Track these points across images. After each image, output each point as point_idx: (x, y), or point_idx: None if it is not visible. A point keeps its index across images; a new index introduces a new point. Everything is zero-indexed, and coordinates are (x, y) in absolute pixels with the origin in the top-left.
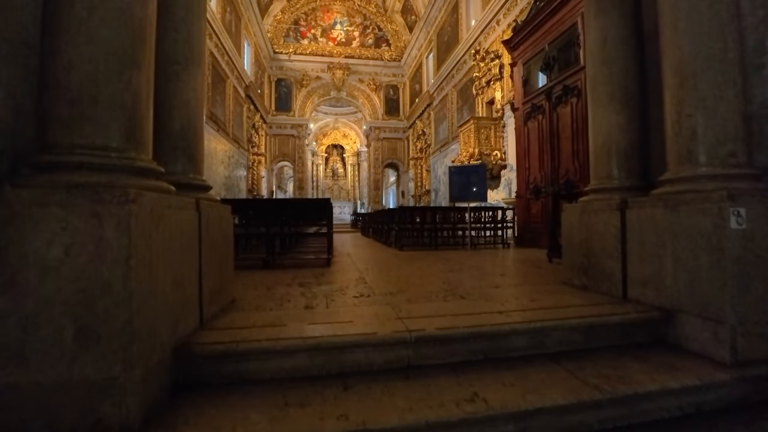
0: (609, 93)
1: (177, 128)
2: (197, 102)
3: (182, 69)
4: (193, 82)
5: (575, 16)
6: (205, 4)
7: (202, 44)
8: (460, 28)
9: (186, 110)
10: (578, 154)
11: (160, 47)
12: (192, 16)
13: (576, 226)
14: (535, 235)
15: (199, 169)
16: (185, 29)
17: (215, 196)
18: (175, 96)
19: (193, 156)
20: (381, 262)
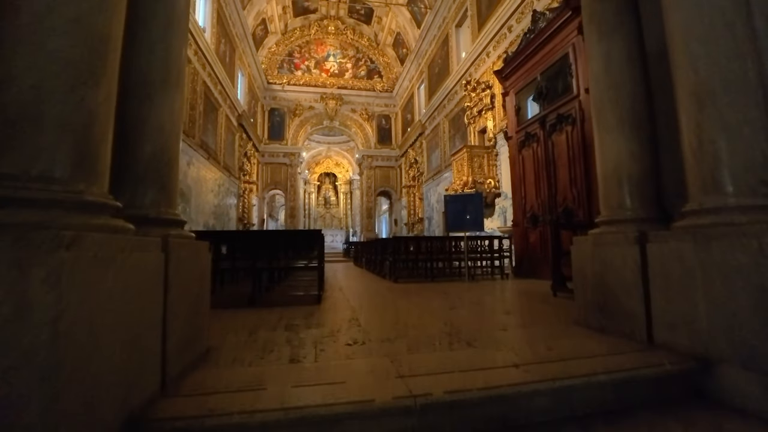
0: (617, 118)
1: (147, 155)
2: (173, 126)
3: (157, 91)
4: (169, 105)
5: (566, 47)
6: (186, 25)
7: (182, 65)
8: (451, 60)
9: (159, 135)
10: (576, 181)
11: (133, 67)
12: (170, 35)
13: (588, 260)
14: (534, 265)
15: (172, 201)
16: (162, 48)
17: (203, 225)
18: (147, 119)
19: (164, 186)
20: (375, 297)
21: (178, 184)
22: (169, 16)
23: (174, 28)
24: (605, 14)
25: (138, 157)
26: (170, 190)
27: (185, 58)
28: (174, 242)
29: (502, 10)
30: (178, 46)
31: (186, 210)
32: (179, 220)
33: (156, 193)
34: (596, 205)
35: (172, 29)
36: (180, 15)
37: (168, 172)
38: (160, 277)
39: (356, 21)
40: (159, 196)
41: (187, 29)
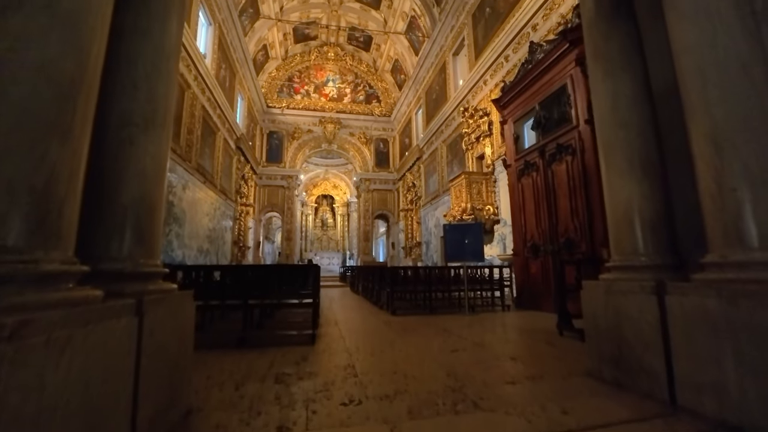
0: (627, 159)
1: (126, 202)
2: (157, 170)
3: (139, 132)
4: (152, 147)
5: (564, 78)
6: (176, 63)
7: (169, 104)
8: (448, 87)
9: (140, 181)
10: (577, 212)
11: (114, 108)
12: (158, 72)
13: (601, 308)
14: (536, 296)
15: (152, 251)
16: (147, 86)
17: (197, 250)
18: (128, 164)
19: (143, 236)
20: (373, 336)
21: (162, 231)
22: (157, 54)
23: (161, 66)
24: (610, 52)
25: (115, 205)
26: (151, 239)
27: (174, 96)
28: (150, 301)
29: (499, 41)
30: (166, 85)
31: (180, 235)
32: (159, 271)
33: (134, 244)
34: (599, 237)
35: (160, 68)
36: (169, 53)
37: (149, 221)
38: (132, 345)
39: (355, 48)
40: (138, 247)
41: (177, 66)
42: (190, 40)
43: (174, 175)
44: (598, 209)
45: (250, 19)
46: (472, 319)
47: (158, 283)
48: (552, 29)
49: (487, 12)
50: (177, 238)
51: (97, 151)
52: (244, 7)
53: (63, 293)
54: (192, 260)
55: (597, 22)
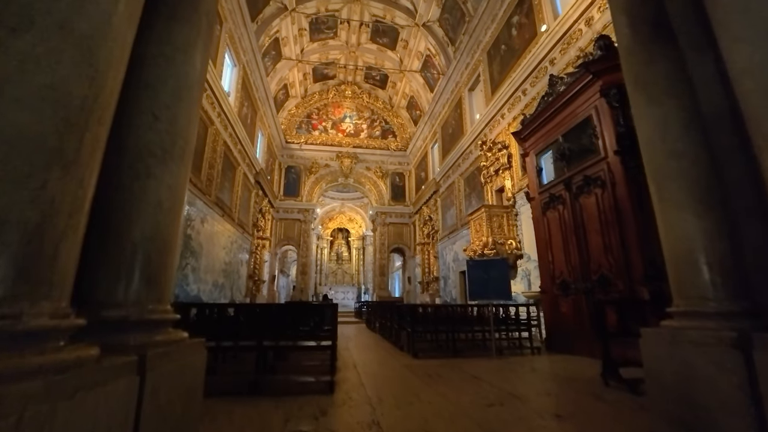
0: (684, 191)
1: (136, 239)
2: (173, 204)
3: (157, 163)
4: (169, 179)
5: (588, 109)
6: (199, 94)
7: (190, 135)
8: (464, 121)
9: (154, 215)
10: (611, 248)
11: (132, 134)
12: (180, 102)
13: (665, 361)
14: (568, 338)
15: (163, 295)
16: (168, 116)
17: (212, 284)
18: (142, 197)
19: (154, 278)
20: (396, 383)
21: (175, 271)
22: (180, 84)
23: (184, 95)
24: (653, 76)
25: (124, 242)
26: (162, 282)
27: (195, 128)
28: (156, 356)
29: (516, 76)
30: (188, 114)
31: (196, 269)
32: (169, 318)
33: (143, 287)
34: (638, 275)
35: (182, 98)
36: (192, 82)
37: (161, 260)
38: (130, 408)
39: (372, 86)
40: (147, 290)
41: (200, 98)
42: (215, 79)
43: (193, 208)
44: (635, 245)
45: (272, 60)
46: (501, 364)
47: (167, 332)
48: (571, 62)
49: (503, 49)
50: (193, 273)
51: (108, 182)
52: (267, 49)
53: (49, 356)
54: (207, 295)
55: (636, 49)
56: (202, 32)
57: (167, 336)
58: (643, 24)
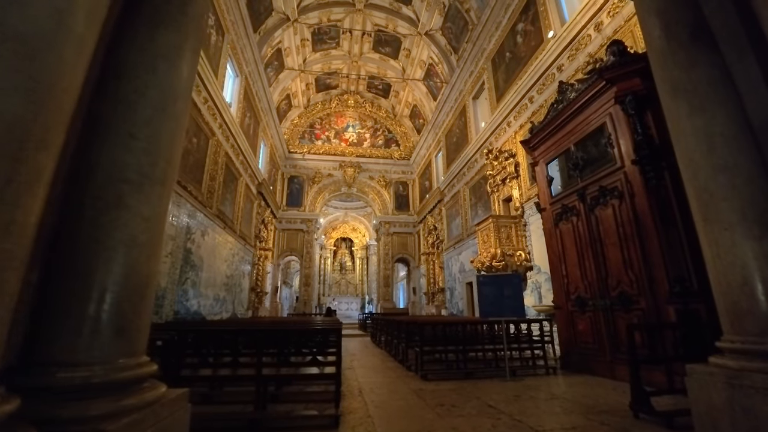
0: (739, 212)
1: (103, 283)
2: (151, 237)
3: (131, 191)
4: (146, 209)
5: (602, 116)
6: (186, 105)
7: (174, 154)
8: (469, 130)
9: (126, 253)
10: (632, 264)
11: (101, 159)
12: (162, 116)
13: (723, 405)
14: (586, 358)
15: (136, 347)
16: (147, 134)
17: (212, 298)
18: (112, 231)
19: (126, 328)
20: (406, 415)
21: (150, 316)
22: (164, 95)
23: (168, 108)
24: (695, 82)
25: (89, 288)
26: (135, 331)
27: (180, 145)
28: (121, 427)
29: (522, 83)
30: (172, 130)
31: (196, 283)
32: (143, 374)
33: (111, 340)
34: (662, 293)
35: (165, 112)
36: (178, 94)
37: (135, 307)
38: None
39: (374, 95)
40: (115, 343)
41: (187, 110)
42: (216, 90)
43: (194, 221)
44: (659, 261)
45: (275, 71)
46: (516, 388)
47: (141, 391)
48: (580, 68)
49: (508, 56)
50: (193, 287)
51: (71, 216)
52: (269, 60)
53: None
54: (207, 309)
55: (672, 51)
56: (190, 37)
57: (140, 397)
58: (678, 25)
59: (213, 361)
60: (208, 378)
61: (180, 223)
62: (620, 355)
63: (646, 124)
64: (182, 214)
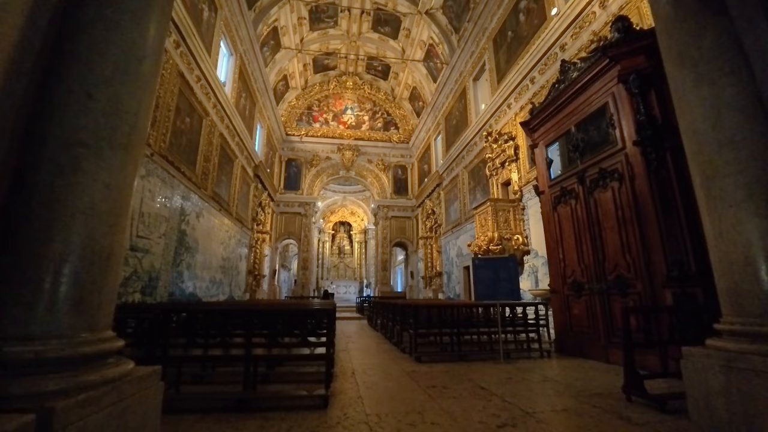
0: (744, 188)
1: (59, 251)
2: (113, 206)
3: (88, 155)
4: (106, 176)
5: (604, 96)
6: (155, 68)
7: (140, 119)
8: (469, 112)
9: (84, 221)
10: (629, 247)
11: (55, 120)
12: (125, 77)
13: (719, 389)
14: (580, 341)
15: (97, 320)
16: (107, 95)
17: (209, 281)
18: (68, 198)
19: (85, 301)
20: (397, 396)
21: (116, 290)
22: (127, 54)
23: (131, 69)
24: (702, 51)
25: (42, 257)
26: (96, 305)
27: (148, 110)
28: (72, 406)
29: (524, 63)
30: (137, 93)
31: (191, 265)
32: (106, 350)
33: (68, 314)
34: (659, 276)
35: (129, 71)
36: (144, 54)
37: (94, 278)
38: None
39: (374, 77)
40: (73, 317)
41: (157, 73)
42: (210, 69)
43: (188, 203)
44: (657, 244)
45: (271, 50)
46: (510, 371)
47: (103, 368)
48: (584, 47)
49: (510, 35)
50: (188, 269)
51: (22, 182)
52: (265, 39)
53: None
54: (203, 292)
55: (679, 19)
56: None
57: (101, 373)
58: None
59: (203, 342)
60: (197, 358)
61: (173, 205)
62: (615, 339)
63: (649, 103)
64: (176, 195)
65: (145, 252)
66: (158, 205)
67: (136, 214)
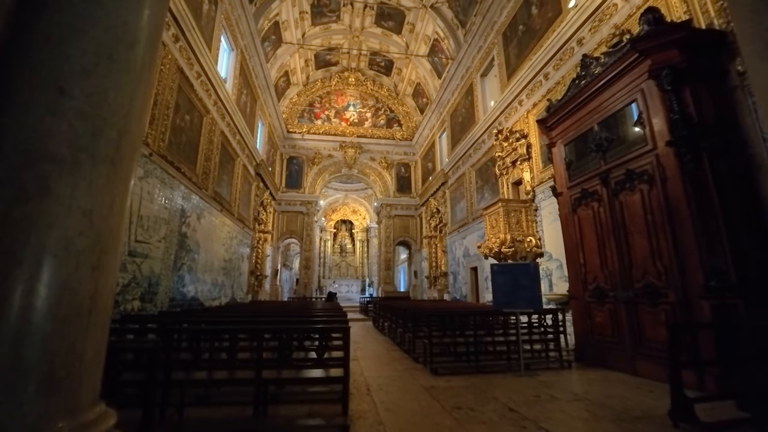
0: None
1: (19, 314)
2: (98, 240)
3: (63, 171)
4: (87, 200)
5: (632, 93)
6: (150, 57)
7: (131, 121)
8: (476, 109)
9: (57, 267)
10: (660, 254)
11: (13, 126)
12: (110, 65)
13: None
14: (603, 351)
15: (82, 397)
16: (86, 90)
17: (210, 283)
18: (31, 234)
19: (60, 376)
20: (421, 420)
21: (103, 355)
22: (111, 36)
23: (118, 56)
24: None
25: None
26: (75, 378)
27: (145, 108)
28: None
29: (537, 59)
30: (127, 87)
31: (192, 268)
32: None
33: (35, 394)
34: (696, 286)
35: (115, 58)
36: (135, 39)
37: (72, 345)
38: None
39: (376, 73)
40: (42, 399)
41: (153, 63)
42: (210, 64)
43: (189, 203)
44: (693, 251)
45: (272, 45)
46: (533, 385)
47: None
48: (604, 41)
49: (521, 29)
50: (189, 272)
51: None
52: (266, 34)
53: None
54: (205, 295)
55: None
56: None
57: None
58: None
59: (209, 357)
60: (202, 382)
61: (173, 206)
62: (643, 350)
63: (683, 101)
64: (176, 197)
65: (144, 257)
66: (157, 208)
67: (135, 218)
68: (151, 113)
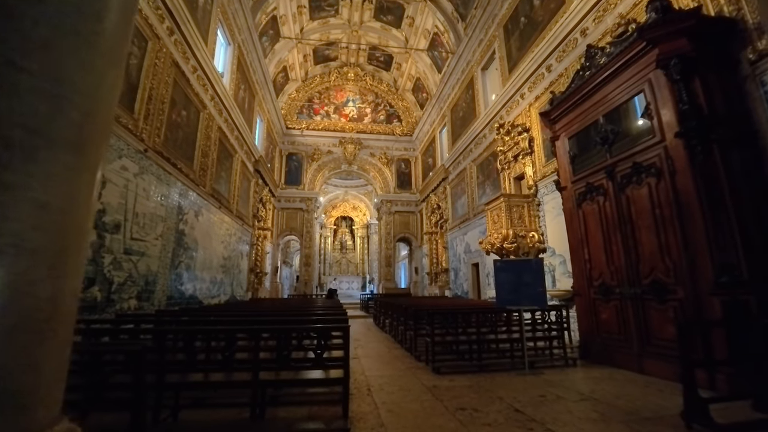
0: None
1: None
2: (57, 237)
3: (12, 158)
4: (42, 191)
5: (639, 83)
6: (122, 31)
7: (99, 103)
8: (477, 104)
9: (7, 267)
10: (669, 249)
11: None
12: (73, 39)
13: None
14: (609, 349)
15: (39, 414)
16: (42, 65)
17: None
18: None
19: (11, 391)
20: (423, 421)
21: (66, 364)
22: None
23: (83, 28)
24: None
25: None
26: (31, 392)
27: (114, 89)
28: None
29: (539, 51)
30: (95, 63)
31: (190, 266)
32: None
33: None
34: (705, 282)
35: (79, 30)
36: (105, 8)
37: (29, 352)
38: None
39: (376, 68)
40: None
41: (125, 39)
42: (206, 59)
43: (186, 201)
44: (703, 247)
45: (270, 40)
46: (538, 384)
47: None
48: (609, 31)
49: (522, 21)
50: (187, 270)
51: None
52: (264, 28)
53: None
54: (204, 293)
55: None
56: None
57: None
58: None
59: (204, 358)
60: (198, 384)
61: (170, 204)
62: (650, 348)
63: (693, 91)
64: (172, 193)
65: (141, 255)
66: (153, 205)
67: (130, 215)
68: (146, 108)
